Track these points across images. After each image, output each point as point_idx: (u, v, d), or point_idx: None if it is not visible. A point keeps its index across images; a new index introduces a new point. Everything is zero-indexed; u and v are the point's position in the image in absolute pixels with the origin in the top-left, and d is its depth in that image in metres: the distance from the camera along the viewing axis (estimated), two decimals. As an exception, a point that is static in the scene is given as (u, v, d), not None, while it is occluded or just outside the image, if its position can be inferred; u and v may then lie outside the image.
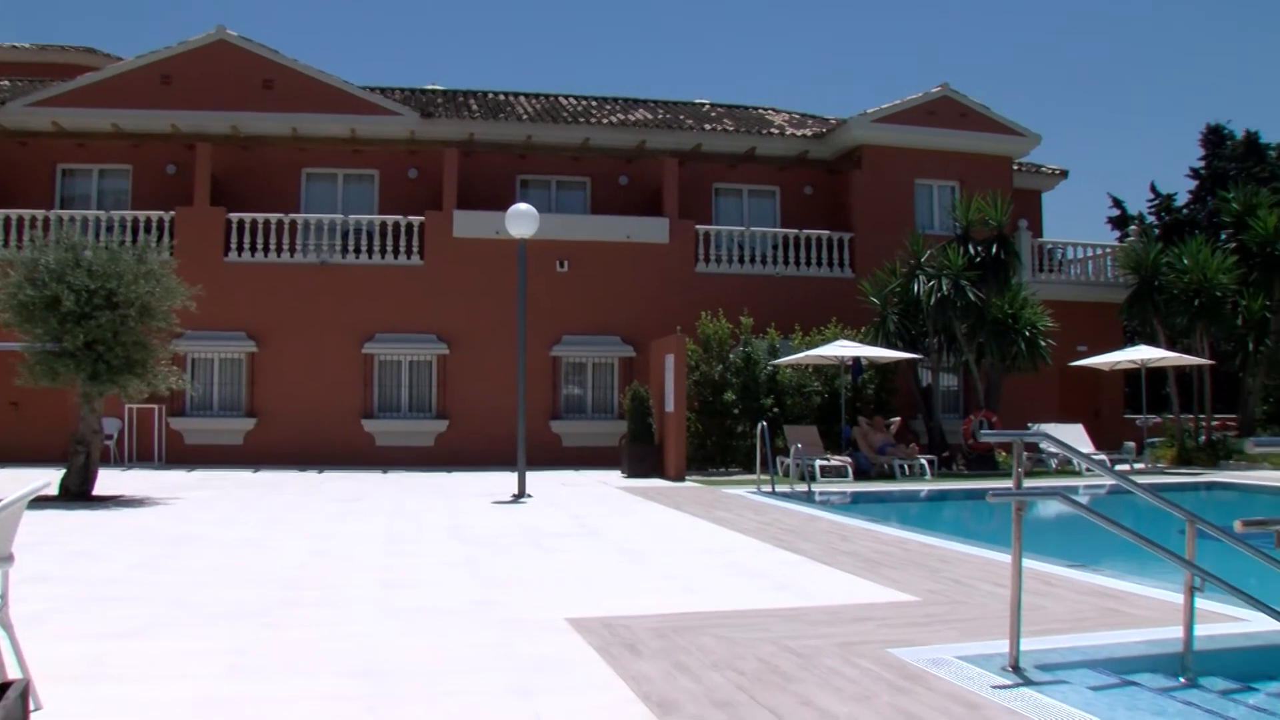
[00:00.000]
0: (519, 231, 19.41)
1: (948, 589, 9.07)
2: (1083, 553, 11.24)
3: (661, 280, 28.75)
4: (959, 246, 26.95)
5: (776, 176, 32.05)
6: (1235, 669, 6.86)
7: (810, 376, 26.91)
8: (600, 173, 31.03)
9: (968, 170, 31.32)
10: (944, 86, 31.27)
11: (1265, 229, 29.53)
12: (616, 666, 6.24)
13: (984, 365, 27.54)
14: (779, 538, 12.76)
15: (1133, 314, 30.55)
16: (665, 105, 33.79)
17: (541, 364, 27.79)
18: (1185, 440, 28.73)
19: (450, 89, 32.94)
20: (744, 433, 25.36)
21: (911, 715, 5.28)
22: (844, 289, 29.22)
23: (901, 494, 21.28)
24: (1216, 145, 50.96)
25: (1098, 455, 24.94)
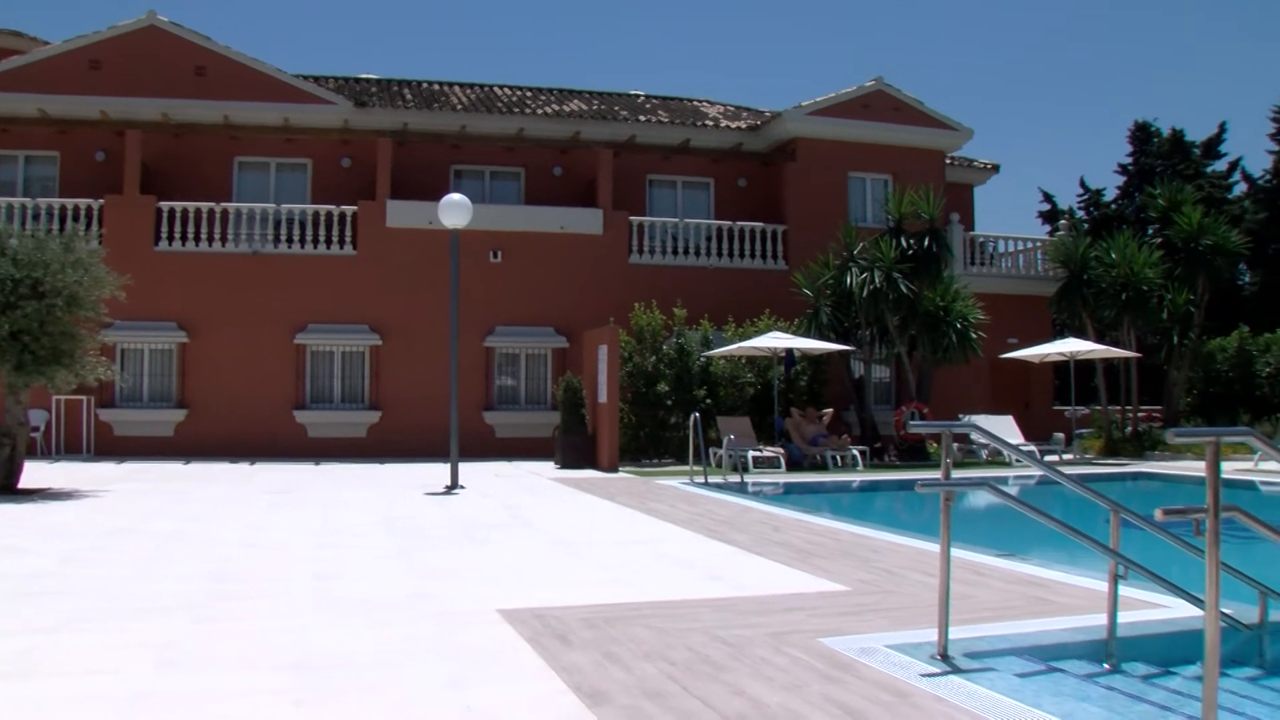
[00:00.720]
0: (452, 222, 19.34)
1: (879, 579, 9.16)
2: (1012, 542, 11.39)
3: (595, 271, 28.75)
4: (891, 239, 27.15)
5: (711, 168, 32.11)
6: (1157, 654, 7.00)
7: (743, 368, 27.03)
8: (535, 163, 30.95)
9: (901, 164, 31.56)
10: (878, 80, 31.46)
11: (1189, 225, 30.03)
12: (548, 657, 6.26)
13: (915, 357, 27.79)
14: (711, 528, 12.83)
15: (1062, 307, 30.93)
16: (600, 96, 33.78)
17: (475, 355, 27.71)
18: (1112, 431, 29.17)
19: (384, 78, 32.75)
20: (677, 424, 25.41)
21: (841, 704, 5.34)
22: (777, 281, 29.35)
23: (834, 485, 21.42)
24: (1144, 142, 51.67)
25: (1027, 446, 25.23)
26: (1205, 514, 4.54)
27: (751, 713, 5.17)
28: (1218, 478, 4.52)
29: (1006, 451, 7.22)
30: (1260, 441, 4.89)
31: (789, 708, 5.27)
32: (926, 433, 24.68)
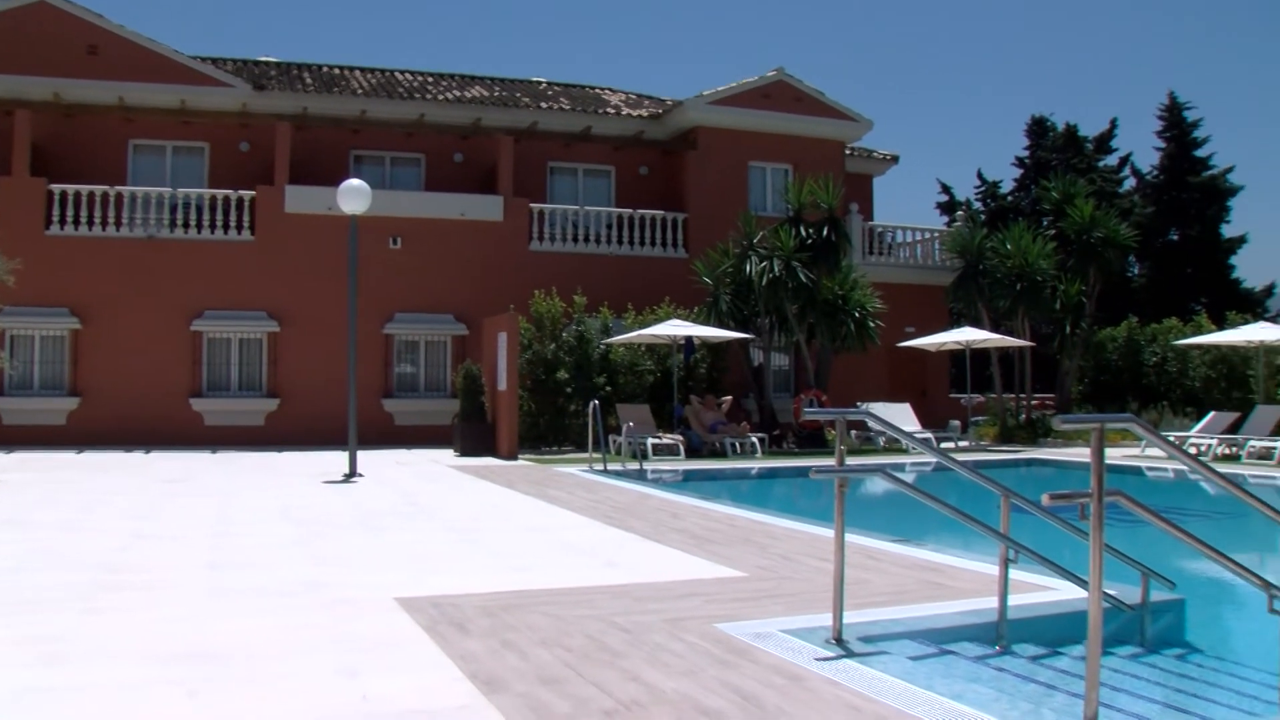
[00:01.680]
0: (351, 208, 19.17)
1: (775, 564, 9.25)
2: (908, 528, 11.53)
3: (495, 258, 28.63)
4: (791, 228, 27.33)
5: (612, 156, 32.13)
6: (1046, 635, 7.16)
7: (643, 355, 27.10)
8: (435, 149, 30.75)
9: (801, 153, 31.79)
10: (779, 71, 31.64)
11: (1082, 217, 30.63)
12: (444, 645, 6.25)
13: (814, 345, 28.04)
14: (610, 515, 12.86)
15: (958, 297, 31.37)
16: (502, 83, 33.63)
17: (374, 342, 27.48)
18: (1007, 419, 29.68)
19: (284, 61, 32.32)
20: (577, 411, 25.40)
21: (736, 688, 5.39)
22: (677, 269, 29.44)
23: (733, 472, 21.55)
24: (1040, 136, 52.55)
25: (922, 433, 25.58)
26: (1090, 499, 4.64)
27: (647, 698, 5.21)
28: (1102, 463, 4.63)
29: (901, 438, 7.33)
30: (1142, 428, 5.01)
31: (684, 693, 5.31)
32: (822, 419, 24.90)
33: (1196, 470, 5.57)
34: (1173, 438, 24.36)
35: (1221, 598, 9.53)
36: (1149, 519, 5.24)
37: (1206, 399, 30.14)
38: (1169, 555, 9.44)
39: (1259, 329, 26.79)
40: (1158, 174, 49.52)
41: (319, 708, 5.07)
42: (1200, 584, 9.33)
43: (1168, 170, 49.02)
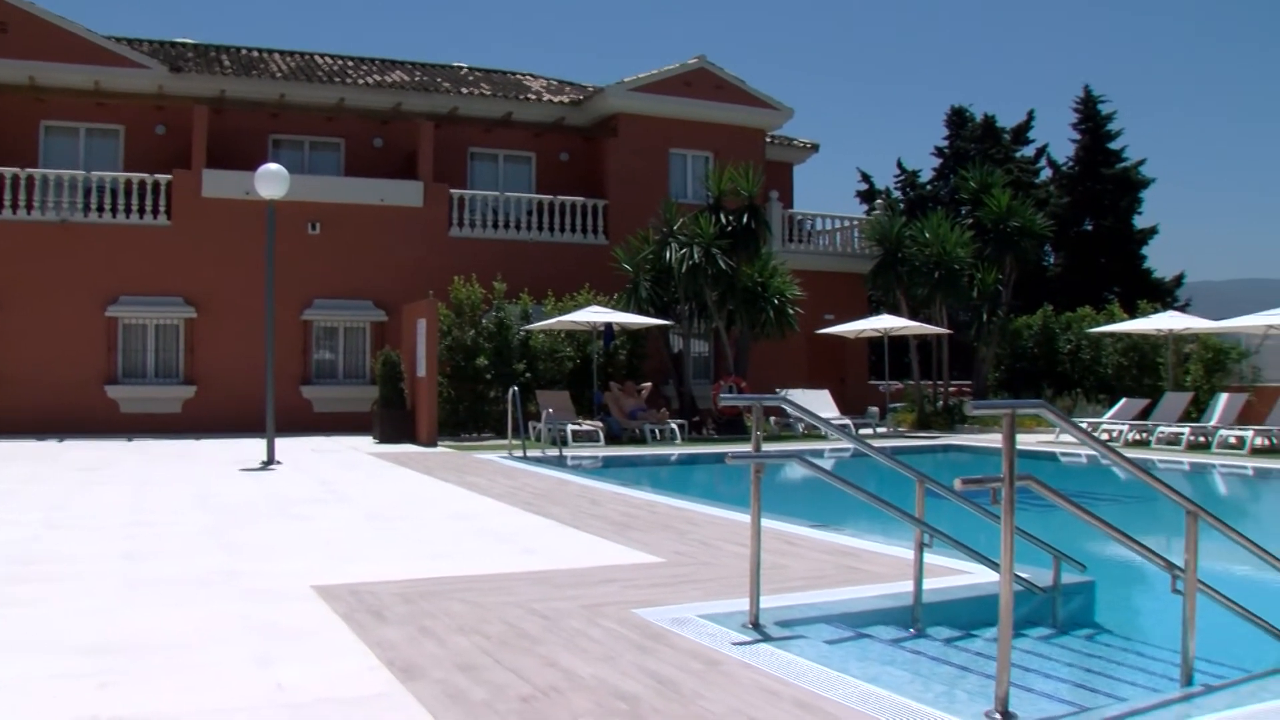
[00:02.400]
0: (269, 192, 18.96)
1: (694, 550, 9.29)
2: (828, 513, 11.63)
3: (415, 244, 28.47)
4: (711, 215, 27.43)
5: (533, 142, 32.06)
6: (960, 618, 7.26)
7: (563, 342, 27.09)
8: (355, 134, 30.51)
9: (722, 141, 31.89)
10: (700, 59, 31.72)
11: (999, 207, 31.03)
12: (361, 633, 6.22)
13: (734, 332, 28.18)
14: (529, 502, 12.86)
15: (877, 284, 31.67)
16: (422, 68, 33.41)
17: (292, 328, 27.24)
18: (924, 405, 30.03)
19: (201, 43, 31.86)
20: (496, 398, 25.33)
21: (653, 673, 5.41)
22: (598, 255, 29.44)
23: (652, 458, 21.62)
24: (959, 127, 53.10)
25: (841, 420, 25.81)
26: (1001, 483, 4.71)
27: (564, 684, 5.22)
28: (1013, 448, 4.70)
29: (818, 424, 7.39)
30: (1053, 414, 5.09)
31: (602, 678, 5.32)
32: (740, 406, 25.01)
33: (1105, 455, 5.67)
34: (1085, 424, 24.79)
35: (1130, 579, 9.71)
36: (1059, 503, 5.33)
37: (1118, 386, 30.62)
38: (1080, 539, 9.60)
39: (1168, 318, 27.28)
40: (1073, 165, 50.22)
41: (233, 698, 5.02)
42: (1110, 566, 9.48)
43: (1082, 162, 49.73)
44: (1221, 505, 17.19)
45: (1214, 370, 28.17)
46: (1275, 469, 19.58)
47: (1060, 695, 5.97)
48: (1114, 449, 5.83)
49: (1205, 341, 28.39)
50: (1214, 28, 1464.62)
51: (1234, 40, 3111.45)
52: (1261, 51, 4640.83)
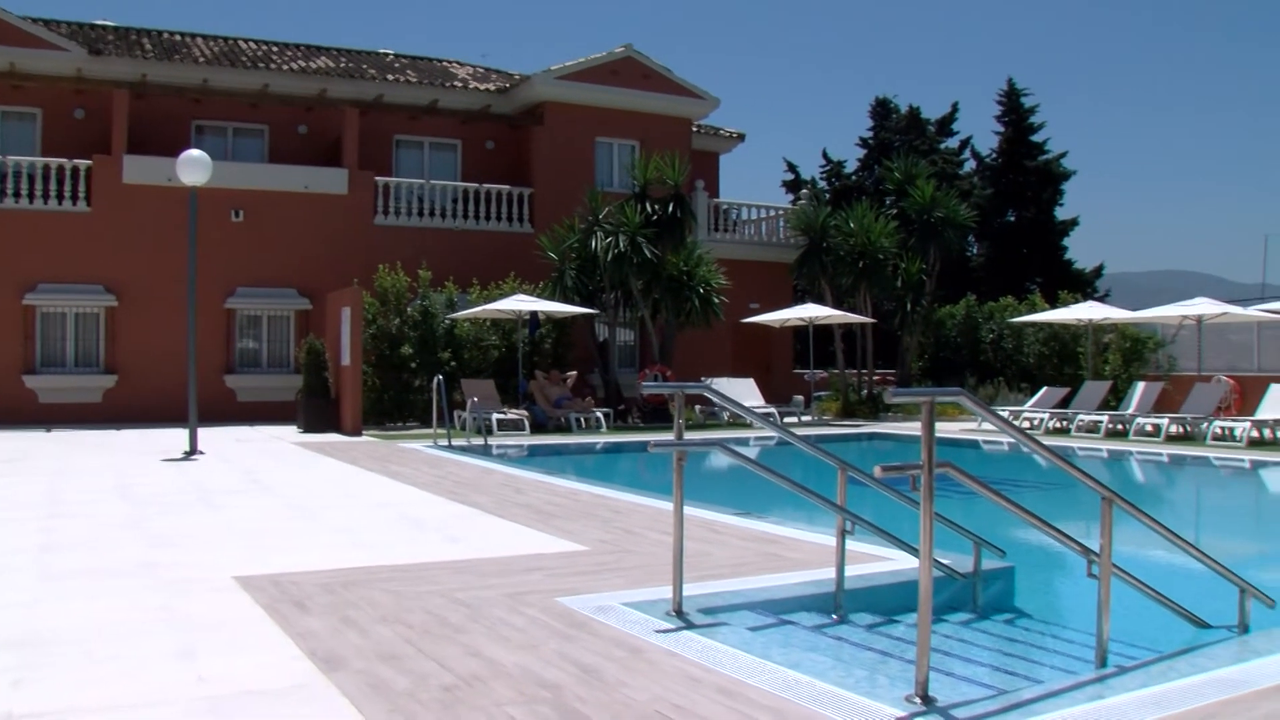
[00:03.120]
0: (191, 179, 18.73)
1: (618, 538, 9.32)
2: (753, 501, 11.71)
3: (340, 232, 28.26)
4: (637, 204, 27.47)
5: (459, 130, 31.91)
6: (882, 604, 7.35)
7: (488, 330, 27.01)
8: (279, 121, 30.21)
9: (648, 130, 31.91)
10: (627, 47, 31.71)
11: (923, 197, 31.29)
12: (284, 624, 6.19)
13: (659, 321, 28.24)
14: (453, 491, 12.83)
15: (802, 273, 31.84)
16: (348, 54, 33.14)
17: (215, 317, 26.94)
18: (849, 394, 30.27)
19: (122, 26, 31.36)
20: (421, 387, 25.23)
21: (576, 661, 5.42)
22: (523, 244, 29.37)
23: (577, 446, 21.65)
24: (884, 118, 53.43)
25: (765, 408, 25.96)
26: (920, 470, 4.77)
27: (487, 672, 5.21)
28: (932, 436, 4.75)
29: (740, 412, 7.44)
30: (971, 402, 5.15)
31: (525, 666, 5.33)
32: (663, 393, 25.05)
33: (1022, 441, 5.75)
34: (1006, 412, 25.08)
35: (1049, 564, 9.85)
36: (977, 489, 5.40)
37: (1040, 375, 30.97)
38: (1001, 525, 9.73)
39: (1088, 308, 27.65)
40: (996, 157, 50.70)
41: (152, 692, 4.97)
42: (1030, 551, 9.62)
43: (1006, 154, 50.20)
44: (1137, 491, 17.49)
45: (1132, 359, 28.58)
46: (1189, 456, 19.95)
47: (980, 679, 6.06)
48: (1031, 436, 5.92)
49: (1124, 331, 28.80)
50: (1133, 20, 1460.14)
51: (1152, 32, 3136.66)
52: (1177, 44, 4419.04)
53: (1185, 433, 22.80)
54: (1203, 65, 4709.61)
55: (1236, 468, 19.06)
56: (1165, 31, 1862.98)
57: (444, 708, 4.66)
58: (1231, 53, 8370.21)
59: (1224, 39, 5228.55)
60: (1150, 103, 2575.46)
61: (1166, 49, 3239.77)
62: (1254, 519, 16.10)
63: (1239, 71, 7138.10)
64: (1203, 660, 5.65)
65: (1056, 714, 4.65)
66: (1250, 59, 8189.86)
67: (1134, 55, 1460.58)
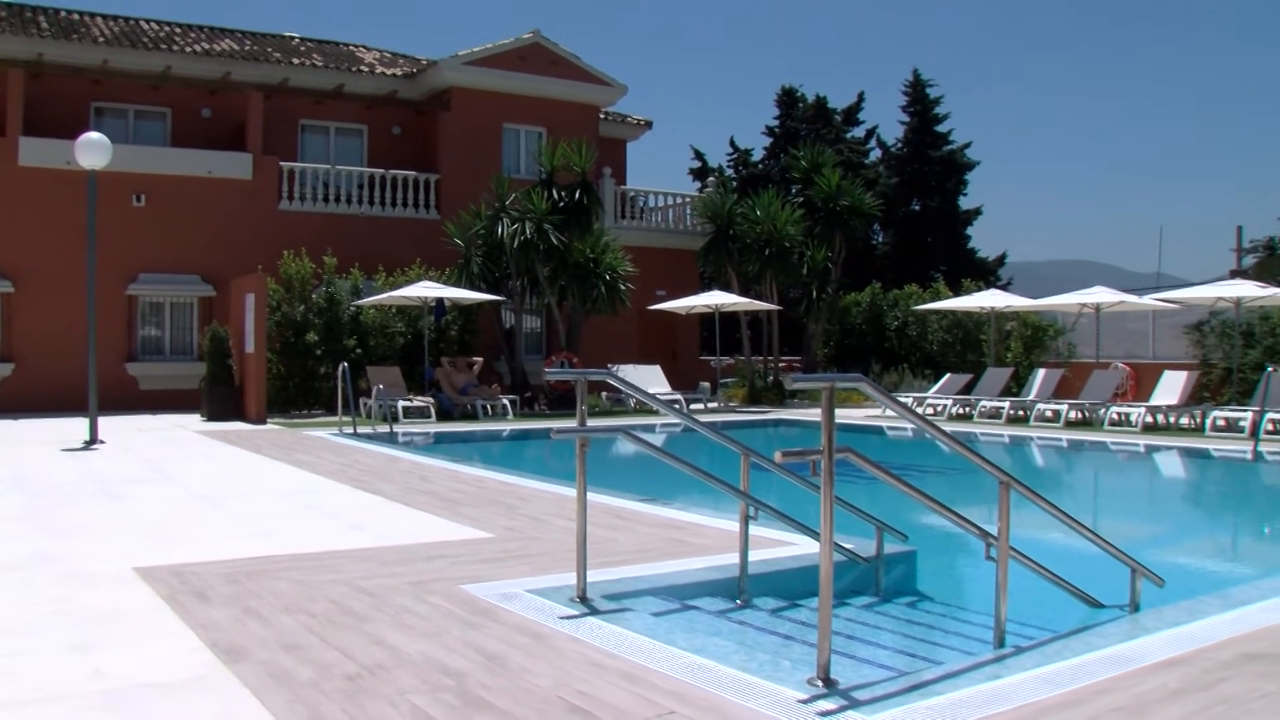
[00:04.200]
0: (90, 162, 18.39)
1: (523, 525, 9.32)
2: (659, 488, 11.76)
3: (244, 218, 27.88)
4: (544, 191, 27.42)
5: (365, 115, 31.62)
6: (786, 589, 7.42)
7: (394, 317, 26.84)
8: (182, 103, 29.70)
9: (555, 117, 31.87)
10: (535, 33, 31.62)
11: (829, 186, 31.56)
12: (184, 615, 6.12)
13: (566, 308, 28.24)
14: (358, 479, 12.76)
15: (709, 261, 31.97)
16: (252, 36, 32.68)
17: (116, 303, 26.46)
18: (755, 381, 30.47)
19: (16, 2, 30.55)
20: (327, 374, 25.00)
21: (480, 648, 5.43)
22: (429, 230, 29.20)
23: (484, 434, 21.61)
24: (790, 107, 53.68)
25: (671, 395, 26.08)
26: (820, 455, 4.82)
27: (390, 661, 5.21)
28: (832, 421, 4.80)
29: (644, 399, 7.48)
30: (871, 388, 5.21)
31: (428, 654, 5.32)
32: (567, 380, 25.06)
33: (921, 426, 5.84)
34: (910, 398, 25.40)
35: (950, 548, 9.99)
36: (877, 474, 5.47)
37: (943, 361, 31.35)
38: (905, 510, 9.85)
39: (991, 295, 28.07)
40: (901, 147, 51.18)
41: (48, 686, 4.90)
42: (932, 535, 9.75)
43: (911, 144, 50.70)
44: (1037, 475, 17.79)
45: (1033, 347, 29.02)
46: (1087, 440, 20.34)
47: (881, 661, 6.14)
48: (930, 421, 6.01)
49: (1025, 319, 29.23)
50: (1035, 10, 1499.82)
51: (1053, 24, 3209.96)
52: (1077, 36, 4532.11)
53: (1084, 418, 23.24)
54: (1102, 57, 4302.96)
55: (1132, 452, 19.47)
56: (1065, 23, 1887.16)
57: (347, 697, 4.65)
58: (1128, 46, 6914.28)
59: (1121, 32, 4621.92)
60: (1052, 94, 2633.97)
61: (1067, 41, 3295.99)
62: (1147, 501, 16.46)
63: (1137, 64, 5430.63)
64: (1095, 639, 5.79)
65: (955, 694, 4.74)
66: (1146, 51, 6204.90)
67: (1036, 47, 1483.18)
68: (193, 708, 4.56)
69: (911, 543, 8.19)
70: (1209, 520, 14.68)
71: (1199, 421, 21.43)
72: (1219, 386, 24.62)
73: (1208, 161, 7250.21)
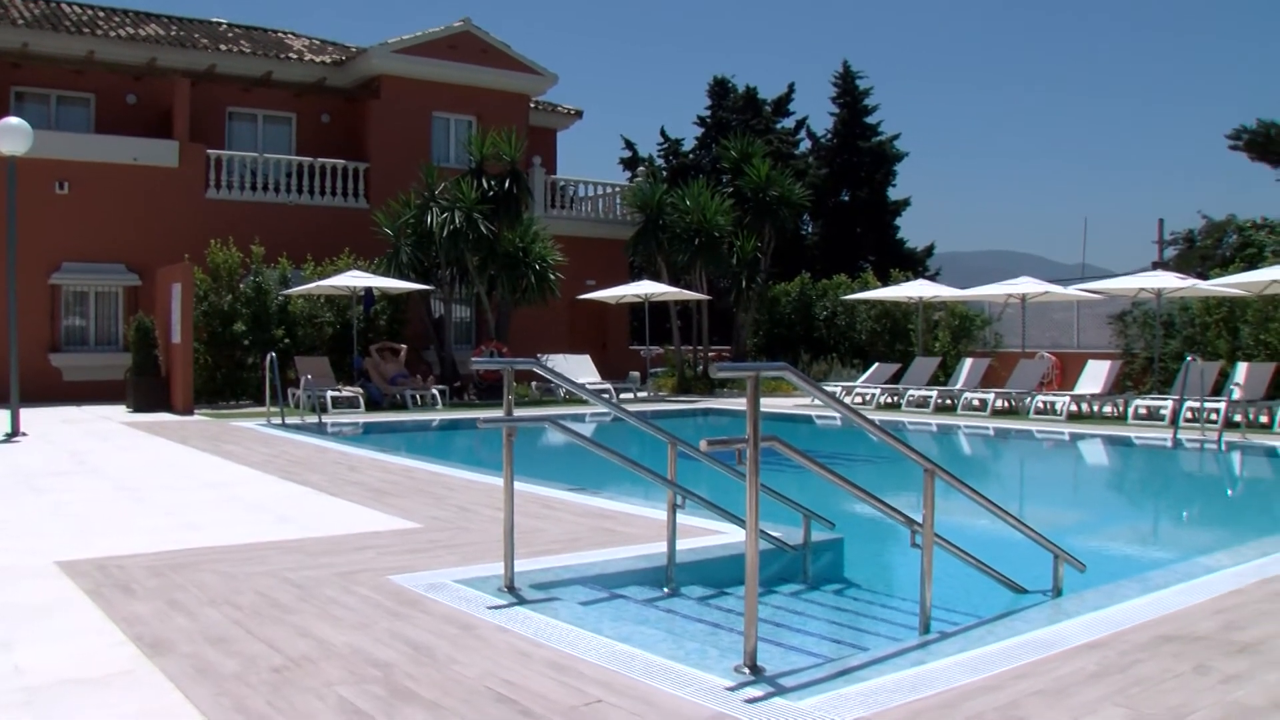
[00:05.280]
0: (10, 148, 18.09)
1: (451, 515, 9.31)
2: (589, 478, 11.78)
3: (170, 206, 27.55)
4: (473, 180, 27.35)
5: (293, 103, 31.36)
6: (714, 577, 7.46)
7: (323, 307, 26.66)
8: (106, 89, 29.30)
9: (485, 106, 31.78)
10: (465, 21, 31.51)
11: (759, 176, 31.68)
12: (108, 609, 6.06)
13: (495, 297, 28.18)
14: (286, 470, 12.68)
15: (638, 250, 32.01)
16: (179, 22, 32.26)
17: (39, 293, 26.04)
18: (685, 370, 30.57)
19: (-71, -12, 30.12)
20: (255, 364, 24.80)
21: (407, 639, 5.42)
22: (358, 219, 29.03)
23: (413, 424, 21.52)
24: (721, 97, 53.85)
25: (600, 384, 26.10)
26: (746, 443, 4.85)
27: (317, 653, 5.19)
28: (757, 410, 4.84)
29: (573, 389, 7.49)
30: (797, 376, 5.25)
31: (355, 646, 5.31)
32: (495, 370, 25.01)
33: (845, 414, 5.89)
34: (839, 387, 25.60)
35: (877, 535, 10.09)
36: (802, 462, 5.51)
37: (872, 351, 31.57)
38: (833, 498, 9.91)
39: (919, 285, 28.30)
40: (831, 138, 51.48)
41: (-33, 678, 4.84)
42: (859, 523, 9.85)
43: (840, 135, 51.00)
44: (965, 463, 18.01)
45: (960, 336, 29.29)
46: (1013, 429, 20.60)
47: (808, 648, 6.20)
48: (854, 409, 6.06)
49: (953, 309, 29.50)
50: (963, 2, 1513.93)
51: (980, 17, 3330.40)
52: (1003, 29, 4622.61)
53: (1010, 407, 23.53)
54: (1028, 50, 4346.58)
55: (1057, 440, 19.73)
56: (993, 15, 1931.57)
57: (273, 689, 4.63)
58: (1054, 38, 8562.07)
59: (1047, 25, 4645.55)
60: (980, 87, 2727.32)
61: (995, 33, 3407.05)
62: (1071, 488, 16.71)
63: (1062, 57, 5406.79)
64: (1018, 624, 5.88)
65: (881, 680, 4.80)
66: (1071, 44, 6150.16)
67: (964, 39, 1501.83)
68: (116, 703, 4.51)
69: (839, 530, 8.26)
70: (1130, 506, 14.93)
71: (1122, 410, 21.76)
72: (1141, 376, 25.00)
73: (1131, 155, 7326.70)
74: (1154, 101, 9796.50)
